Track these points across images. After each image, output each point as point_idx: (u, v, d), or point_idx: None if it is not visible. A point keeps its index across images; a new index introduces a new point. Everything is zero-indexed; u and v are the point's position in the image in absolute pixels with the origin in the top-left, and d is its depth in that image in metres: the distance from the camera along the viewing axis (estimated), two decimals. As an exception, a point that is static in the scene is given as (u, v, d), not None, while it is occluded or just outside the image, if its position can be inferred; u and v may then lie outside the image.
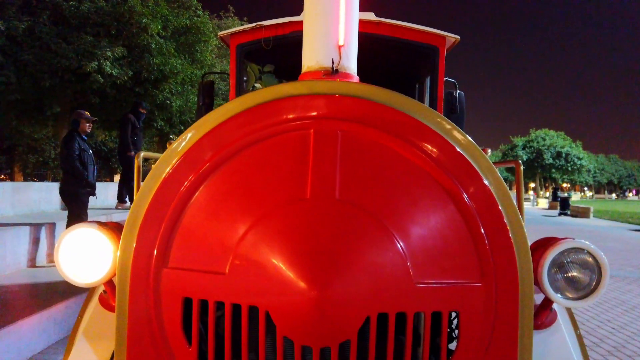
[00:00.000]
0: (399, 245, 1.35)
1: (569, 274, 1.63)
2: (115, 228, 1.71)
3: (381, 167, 1.45)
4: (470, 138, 1.56)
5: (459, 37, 3.88)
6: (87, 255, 1.65)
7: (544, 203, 36.86)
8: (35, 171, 39.10)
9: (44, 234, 5.95)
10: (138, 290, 1.50)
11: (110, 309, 1.80)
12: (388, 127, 1.48)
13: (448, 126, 1.52)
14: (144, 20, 12.89)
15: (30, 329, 3.62)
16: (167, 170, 1.52)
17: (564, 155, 52.30)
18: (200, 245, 1.45)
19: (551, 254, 1.59)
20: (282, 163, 1.46)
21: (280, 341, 1.32)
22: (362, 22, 3.82)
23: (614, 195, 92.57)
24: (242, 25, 27.16)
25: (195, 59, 16.45)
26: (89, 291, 2.03)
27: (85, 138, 6.37)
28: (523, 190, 2.24)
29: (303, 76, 1.84)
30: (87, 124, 6.33)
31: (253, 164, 1.49)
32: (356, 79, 1.86)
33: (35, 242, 5.79)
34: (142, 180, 1.79)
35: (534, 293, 1.55)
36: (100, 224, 1.68)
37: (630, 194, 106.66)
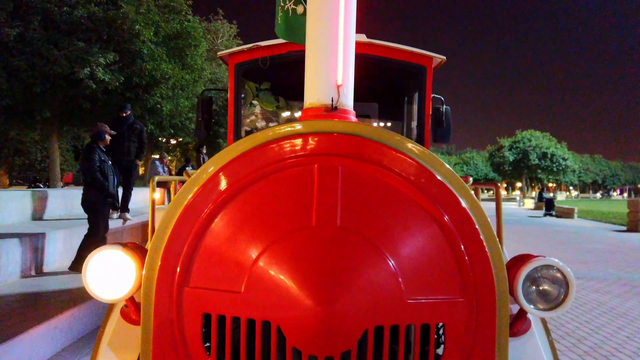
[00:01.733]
0: (391, 266, 1.54)
1: (541, 288, 1.85)
2: (136, 249, 1.88)
3: (375, 197, 1.65)
4: (450, 168, 1.77)
5: (445, 57, 4.12)
6: (112, 274, 1.82)
7: (530, 203, 37.36)
8: (21, 173, 38.73)
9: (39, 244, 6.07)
10: (162, 306, 1.67)
11: (132, 322, 1.96)
12: (381, 162, 1.67)
13: (432, 158, 1.73)
14: (137, 27, 12.97)
15: (38, 337, 3.78)
16: (189, 197, 1.70)
17: (549, 156, 52.95)
18: (219, 267, 1.63)
19: (525, 270, 1.79)
20: (291, 194, 1.64)
21: (290, 352, 1.51)
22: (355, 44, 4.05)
23: (598, 194, 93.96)
24: (230, 28, 27.06)
25: (185, 63, 16.57)
26: (109, 306, 2.21)
27: (104, 149, 6.55)
28: (502, 209, 2.46)
29: (305, 111, 2.02)
30: (108, 137, 6.57)
31: (265, 195, 1.67)
32: (353, 114, 2.05)
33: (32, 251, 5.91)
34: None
35: (511, 304, 1.78)
36: (123, 245, 1.86)
37: (615, 193, 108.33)
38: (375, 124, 4.85)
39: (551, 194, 29.37)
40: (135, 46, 13.38)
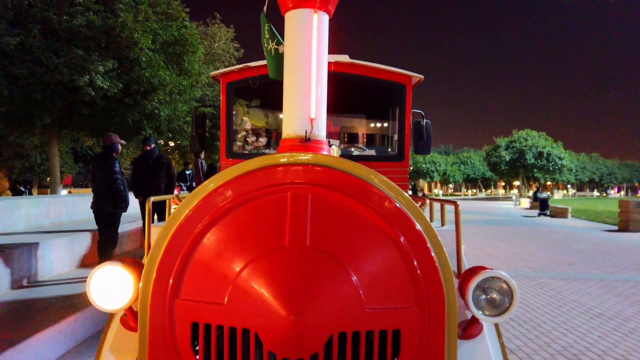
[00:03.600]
0: (353, 280, 1.79)
1: (489, 296, 2.13)
2: (134, 264, 2.13)
3: (340, 220, 1.91)
4: (408, 195, 2.05)
5: (422, 76, 4.40)
6: (112, 286, 2.09)
7: (526, 203, 37.62)
8: (21, 176, 38.92)
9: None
10: (156, 316, 1.92)
11: (130, 328, 2.23)
12: (345, 190, 1.93)
13: (392, 187, 2.00)
14: (135, 35, 13.21)
15: (44, 341, 4.05)
16: (182, 218, 1.94)
17: (545, 155, 53.14)
18: (205, 281, 1.87)
19: (475, 281, 2.05)
20: (268, 218, 1.90)
21: (266, 355, 1.77)
22: (338, 64, 4.36)
23: (595, 192, 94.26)
24: (227, 31, 27.22)
25: (182, 68, 16.81)
26: (109, 315, 2.48)
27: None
28: (461, 228, 2.72)
29: (283, 141, 2.29)
30: (120, 148, 6.81)
31: (247, 217, 1.92)
32: (325, 143, 2.32)
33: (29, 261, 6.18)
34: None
35: (466, 310, 2.04)
36: (122, 261, 2.12)
37: (612, 191, 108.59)
38: (360, 137, 5.13)
39: (546, 194, 29.52)
40: (133, 54, 13.62)
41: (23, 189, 26.19)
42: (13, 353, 3.66)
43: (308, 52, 2.31)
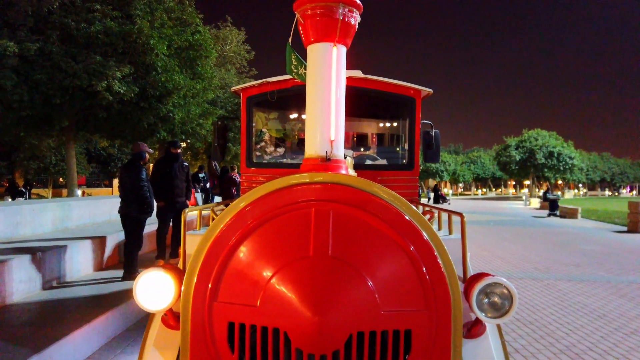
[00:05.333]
0: (370, 285, 2.01)
1: (491, 300, 2.38)
2: (173, 269, 2.41)
3: (358, 232, 2.13)
4: (415, 208, 2.31)
5: (431, 90, 4.66)
6: (155, 290, 2.37)
7: (536, 202, 37.55)
8: (36, 177, 39.65)
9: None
10: (197, 316, 2.13)
11: (170, 327, 2.43)
12: (361, 206, 2.17)
13: (401, 202, 2.26)
14: (151, 42, 13.58)
15: (80, 337, 4.38)
16: (220, 228, 2.17)
17: (555, 155, 52.91)
18: (240, 286, 2.11)
19: (478, 286, 2.29)
20: (295, 230, 2.13)
21: (294, 351, 1.91)
22: (352, 79, 4.66)
23: (607, 192, 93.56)
24: (239, 34, 27.51)
25: (196, 72, 17.20)
26: (150, 315, 2.76)
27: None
28: (466, 237, 2.96)
29: (306, 160, 2.55)
30: (147, 156, 7.07)
31: (276, 230, 2.14)
32: (344, 162, 2.59)
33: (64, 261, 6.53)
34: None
35: (471, 312, 2.30)
36: (164, 267, 2.40)
37: (625, 191, 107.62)
38: (373, 147, 5.42)
39: (556, 194, 29.50)
40: (149, 59, 14.01)
41: (24, 190, 25.70)
42: (54, 349, 3.99)
43: (328, 81, 2.55)
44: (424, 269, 2.01)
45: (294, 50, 2.96)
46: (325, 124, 2.57)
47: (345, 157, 3.67)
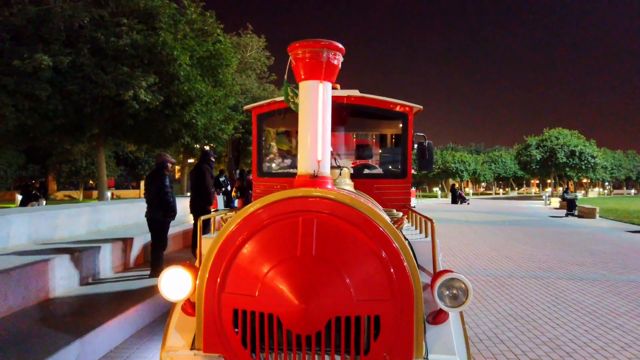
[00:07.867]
0: (347, 280, 2.53)
1: (451, 292, 2.89)
2: (191, 267, 2.89)
3: (338, 237, 2.49)
4: (388, 219, 2.84)
5: (422, 107, 5.19)
6: (176, 283, 2.89)
7: (557, 202, 37.27)
8: (68, 179, 41.20)
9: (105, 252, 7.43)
10: (208, 304, 2.46)
11: (188, 314, 2.77)
12: (341, 216, 2.67)
13: (375, 213, 2.78)
14: (175, 53, 14.35)
15: (114, 326, 5.07)
16: (228, 232, 2.56)
17: (577, 154, 52.11)
18: (242, 279, 2.53)
19: (440, 280, 2.70)
20: (286, 235, 2.55)
21: (285, 332, 2.30)
22: (350, 97, 5.20)
23: (633, 190, 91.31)
24: (259, 41, 28.03)
25: (217, 80, 17.95)
26: (173, 304, 3.33)
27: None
28: (436, 240, 3.43)
29: (298, 177, 3.05)
30: (170, 165, 7.78)
31: (272, 234, 2.55)
32: (329, 178, 3.12)
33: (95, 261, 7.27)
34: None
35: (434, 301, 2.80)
36: (183, 264, 2.97)
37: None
38: (370, 158, 5.97)
39: (574, 194, 29.32)
40: (173, 69, 14.79)
41: (38, 194, 22.20)
42: (92, 335, 4.67)
43: (315, 112, 3.04)
44: (392, 269, 2.39)
45: (289, 85, 3.53)
46: (313, 146, 3.06)
47: (342, 169, 4.29)
